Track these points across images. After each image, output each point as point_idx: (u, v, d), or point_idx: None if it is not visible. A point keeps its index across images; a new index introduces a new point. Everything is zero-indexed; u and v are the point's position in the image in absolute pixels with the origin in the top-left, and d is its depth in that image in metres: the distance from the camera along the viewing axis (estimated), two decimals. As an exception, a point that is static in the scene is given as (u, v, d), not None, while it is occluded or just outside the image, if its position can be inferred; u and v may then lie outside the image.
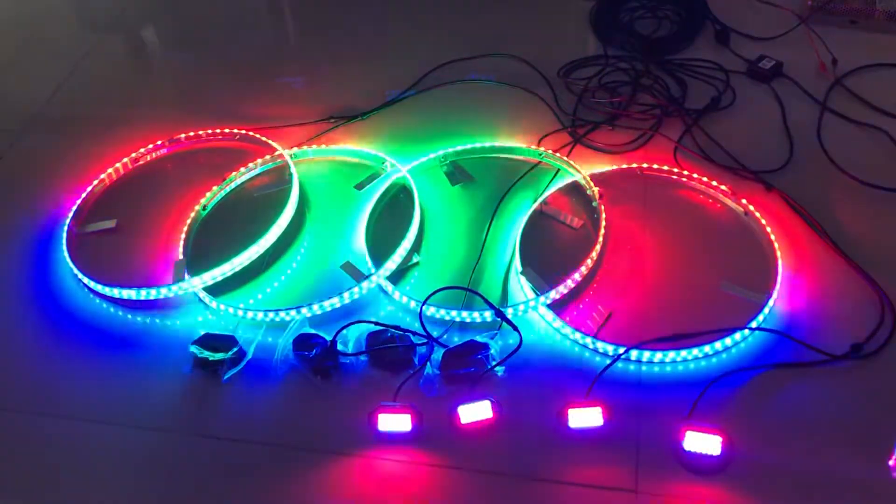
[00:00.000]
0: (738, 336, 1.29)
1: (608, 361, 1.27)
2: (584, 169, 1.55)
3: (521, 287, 1.39)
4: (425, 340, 1.31)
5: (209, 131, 1.74)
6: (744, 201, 1.48)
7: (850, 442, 1.17)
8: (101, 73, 2.00)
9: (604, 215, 1.46)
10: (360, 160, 1.66)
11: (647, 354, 1.27)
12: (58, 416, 1.29)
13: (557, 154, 1.60)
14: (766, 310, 1.31)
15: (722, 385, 1.23)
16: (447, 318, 1.35)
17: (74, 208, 1.58)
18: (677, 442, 1.15)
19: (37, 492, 1.22)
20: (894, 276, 1.35)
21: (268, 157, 1.65)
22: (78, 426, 1.28)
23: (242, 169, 1.63)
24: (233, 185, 1.63)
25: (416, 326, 1.34)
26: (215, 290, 1.43)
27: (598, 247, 1.41)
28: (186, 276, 1.41)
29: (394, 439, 1.21)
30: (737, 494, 1.12)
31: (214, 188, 1.59)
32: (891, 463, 1.12)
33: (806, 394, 1.23)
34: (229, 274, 1.43)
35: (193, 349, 1.31)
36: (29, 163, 1.76)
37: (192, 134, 1.73)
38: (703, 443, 1.14)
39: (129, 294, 1.42)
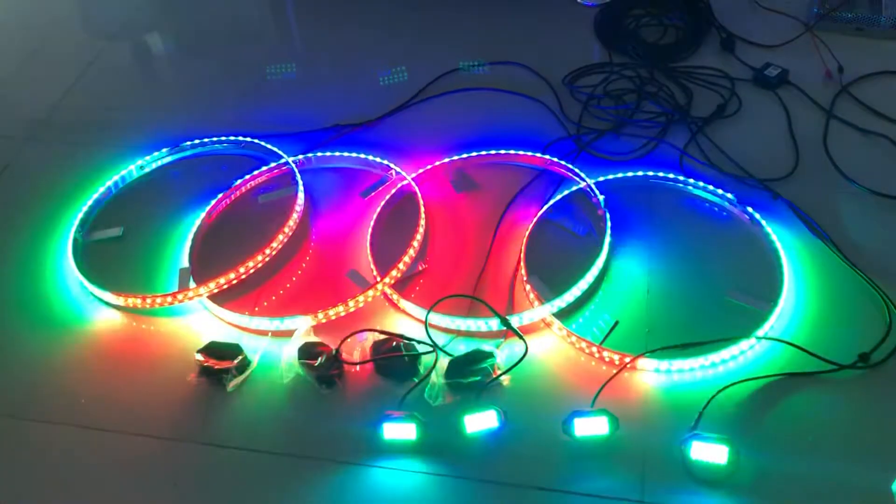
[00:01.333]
0: (744, 345, 1.28)
1: (614, 370, 1.26)
2: (589, 176, 1.55)
3: (526, 294, 1.39)
4: (431, 349, 1.31)
5: (215, 138, 1.74)
6: (749, 209, 1.48)
7: (857, 451, 1.17)
8: (107, 80, 2.01)
9: (609, 223, 1.46)
10: (366, 168, 1.67)
11: (653, 363, 1.27)
12: (62, 423, 1.29)
13: (563, 161, 1.60)
14: (773, 319, 1.31)
15: (729, 394, 1.23)
16: (452, 326, 1.34)
17: (80, 216, 1.59)
18: (683, 451, 1.15)
19: (41, 499, 1.21)
20: (901, 285, 1.35)
21: (273, 164, 1.66)
22: (82, 434, 1.27)
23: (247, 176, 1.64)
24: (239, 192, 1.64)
25: (422, 335, 1.34)
26: (221, 297, 1.43)
27: (603, 254, 1.41)
28: (192, 284, 1.42)
29: (399, 448, 1.21)
30: (744, 504, 1.12)
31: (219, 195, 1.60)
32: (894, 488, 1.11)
33: (813, 403, 1.22)
34: (235, 282, 1.43)
35: (198, 357, 1.31)
36: (35, 170, 1.76)
37: (197, 141, 1.73)
38: (709, 452, 1.13)
39: (134, 301, 1.42)
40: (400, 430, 1.20)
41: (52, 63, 2.08)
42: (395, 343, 1.32)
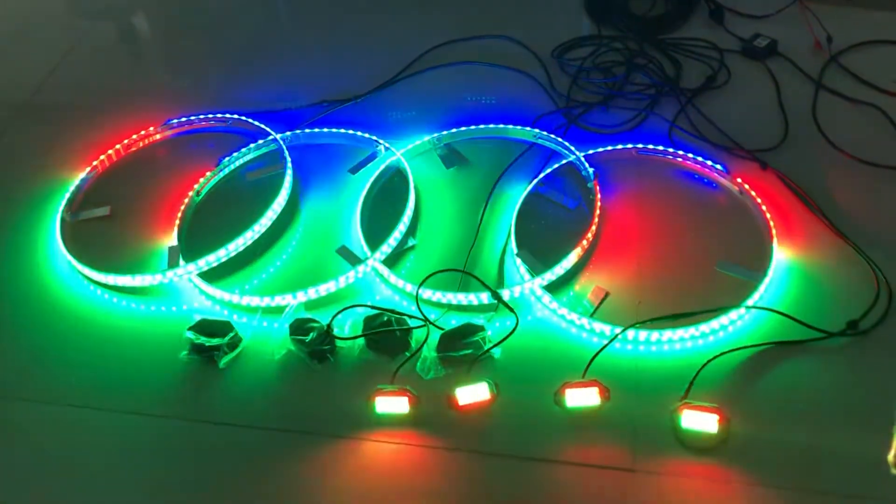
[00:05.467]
0: (734, 315, 1.29)
1: (605, 342, 1.27)
2: (578, 149, 1.55)
3: (517, 269, 1.39)
4: (422, 323, 1.31)
5: (201, 116, 1.73)
6: (739, 180, 1.48)
7: (846, 418, 1.18)
8: (92, 61, 1.99)
9: (599, 196, 1.46)
10: (354, 144, 1.66)
11: (643, 334, 1.27)
12: (54, 403, 1.29)
13: (552, 135, 1.60)
14: (762, 288, 1.31)
15: (719, 363, 1.23)
16: (443, 300, 1.35)
17: (68, 196, 1.58)
18: (674, 420, 1.15)
19: (34, 479, 1.21)
20: (889, 253, 1.35)
21: (261, 141, 1.65)
22: (74, 413, 1.27)
23: (236, 154, 1.63)
24: (226, 171, 1.63)
25: (413, 310, 1.34)
26: (210, 275, 1.42)
27: (593, 227, 1.41)
28: (181, 262, 1.41)
29: (392, 422, 1.21)
30: (734, 471, 1.13)
31: (208, 174, 1.59)
32: (889, 458, 1.12)
33: (802, 371, 1.23)
34: (224, 259, 1.43)
35: (189, 335, 1.31)
36: (21, 151, 1.75)
37: (184, 119, 1.72)
38: (700, 420, 1.14)
39: (123, 280, 1.41)
40: (392, 404, 1.21)
41: (35, 44, 2.05)
42: (386, 318, 1.32)
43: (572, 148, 1.55)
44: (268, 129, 1.65)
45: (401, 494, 1.15)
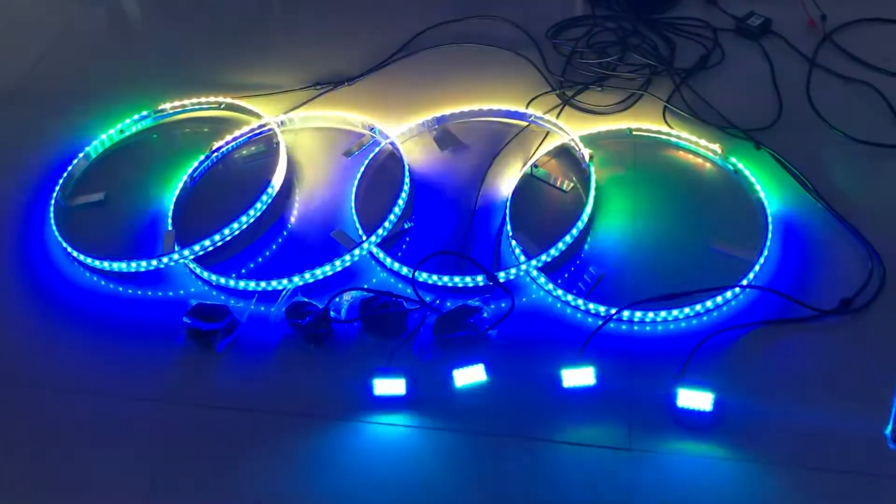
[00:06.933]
0: (728, 294, 1.29)
1: (600, 322, 1.27)
2: (573, 131, 1.54)
3: (512, 250, 1.39)
4: (418, 306, 1.32)
5: (194, 101, 1.72)
6: (733, 160, 1.48)
7: (839, 395, 1.19)
8: (84, 46, 1.97)
9: (594, 177, 1.46)
10: (348, 127, 1.65)
11: (638, 314, 1.28)
12: (53, 389, 1.29)
13: (546, 116, 1.59)
14: (757, 267, 1.32)
15: (713, 342, 1.24)
16: (439, 283, 1.35)
17: (61, 182, 1.57)
18: (670, 399, 1.16)
19: (34, 464, 1.22)
20: (883, 231, 1.36)
21: (254, 125, 1.64)
22: (73, 399, 1.28)
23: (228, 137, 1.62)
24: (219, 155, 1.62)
25: (409, 292, 1.34)
26: (205, 259, 1.42)
27: (588, 208, 1.41)
28: (176, 247, 1.41)
29: (389, 404, 1.22)
30: (729, 449, 1.14)
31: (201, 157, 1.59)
32: (887, 432, 1.13)
33: (796, 349, 1.24)
34: (219, 244, 1.43)
35: (186, 320, 1.31)
36: (13, 137, 1.74)
37: (177, 104, 1.71)
38: (695, 399, 1.15)
39: (119, 266, 1.41)
40: (389, 386, 1.21)
41: (26, 28, 2.04)
42: (382, 301, 1.32)
43: (567, 129, 1.55)
44: (261, 113, 1.65)
45: (398, 476, 1.16)
